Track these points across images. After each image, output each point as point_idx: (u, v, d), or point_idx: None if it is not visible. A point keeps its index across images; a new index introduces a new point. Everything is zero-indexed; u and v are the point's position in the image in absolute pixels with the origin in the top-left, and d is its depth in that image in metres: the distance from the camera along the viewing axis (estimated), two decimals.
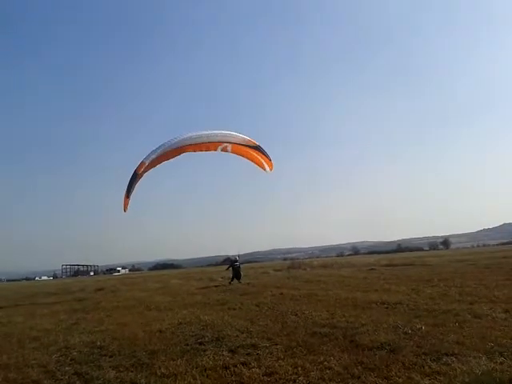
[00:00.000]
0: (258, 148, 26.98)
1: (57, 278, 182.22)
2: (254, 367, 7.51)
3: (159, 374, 7.48)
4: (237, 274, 29.49)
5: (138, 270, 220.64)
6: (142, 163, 23.09)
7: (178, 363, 8.12)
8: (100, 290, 36.56)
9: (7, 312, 21.41)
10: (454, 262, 39.44)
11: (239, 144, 26.12)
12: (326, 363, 7.38)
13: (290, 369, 7.19)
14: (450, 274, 24.71)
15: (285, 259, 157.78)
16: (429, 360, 7.19)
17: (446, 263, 39.60)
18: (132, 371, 7.84)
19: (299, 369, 7.16)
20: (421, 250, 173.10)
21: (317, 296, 17.60)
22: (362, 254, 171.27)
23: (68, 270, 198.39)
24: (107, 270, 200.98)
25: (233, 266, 29.92)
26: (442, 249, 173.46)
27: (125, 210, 24.48)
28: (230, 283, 28.86)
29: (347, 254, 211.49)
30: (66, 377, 7.87)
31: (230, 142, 25.78)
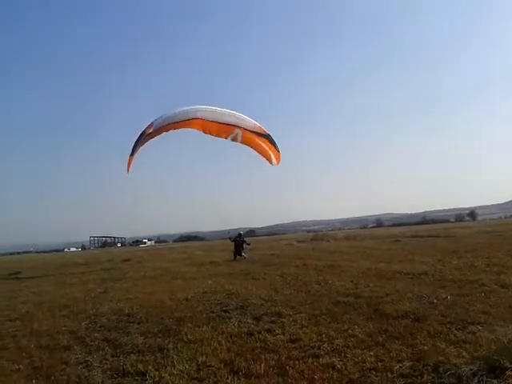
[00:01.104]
0: (267, 137, 26.32)
1: (85, 249, 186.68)
2: (278, 334, 7.62)
3: (186, 339, 7.67)
4: (238, 249, 27.87)
5: (164, 241, 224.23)
6: (151, 124, 22.75)
7: (204, 330, 8.30)
8: (127, 260, 37.46)
9: (38, 282, 22.19)
10: (480, 234, 38.76)
11: (250, 131, 25.41)
12: (350, 331, 7.43)
13: (315, 336, 7.27)
14: (476, 245, 24.38)
15: (308, 231, 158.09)
16: (454, 329, 7.17)
17: (472, 234, 38.96)
18: (159, 337, 8.05)
19: (323, 336, 7.23)
20: (447, 221, 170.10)
21: (340, 267, 17.62)
22: (386, 227, 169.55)
23: (96, 241, 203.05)
24: (133, 242, 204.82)
25: (235, 241, 28.28)
26: (468, 220, 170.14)
27: (128, 170, 23.49)
28: (234, 259, 27.32)
29: (371, 226, 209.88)
30: (96, 343, 8.13)
31: (241, 128, 25.05)
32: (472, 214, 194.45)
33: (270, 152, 26.64)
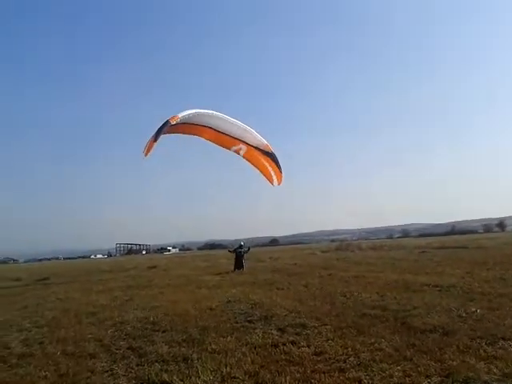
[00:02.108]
0: (271, 156, 26.11)
1: (111, 256, 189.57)
2: (303, 346, 7.51)
3: (210, 349, 7.64)
4: (238, 262, 26.68)
5: (188, 249, 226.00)
6: (176, 116, 22.41)
7: (228, 340, 8.26)
8: (152, 267, 37.87)
9: (65, 288, 22.53)
10: (509, 245, 37.82)
11: (254, 147, 25.27)
12: (376, 345, 7.27)
13: (340, 349, 7.14)
14: (506, 257, 23.75)
15: (332, 241, 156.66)
16: (484, 344, 6.95)
17: (501, 246, 38.02)
18: (184, 346, 8.04)
19: (349, 349, 7.09)
20: (474, 232, 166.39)
21: (366, 278, 17.37)
22: (413, 237, 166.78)
23: (121, 248, 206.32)
24: (158, 249, 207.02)
25: (236, 252, 27.22)
26: (497, 231, 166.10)
27: (146, 154, 22.37)
28: (233, 271, 26.24)
29: (397, 236, 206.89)
30: (121, 351, 8.17)
31: (245, 143, 24.93)
32: (501, 224, 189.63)
33: (271, 172, 26.32)
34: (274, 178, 26.77)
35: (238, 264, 26.61)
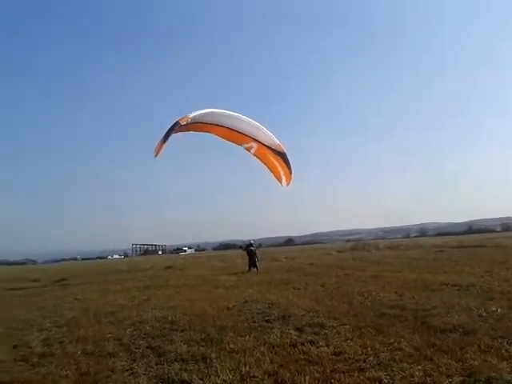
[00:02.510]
0: (283, 155, 25.95)
1: (127, 256, 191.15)
2: (322, 346, 7.49)
3: (228, 349, 7.66)
4: (252, 260, 26.58)
5: (203, 249, 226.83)
6: (187, 117, 22.27)
7: (246, 339, 8.28)
8: (168, 268, 38.12)
9: (83, 289, 22.80)
10: None
11: (266, 146, 25.25)
12: (396, 344, 7.21)
13: (359, 349, 7.09)
14: None
15: (347, 240, 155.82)
16: (506, 343, 6.86)
17: None
18: (203, 346, 8.08)
19: (369, 349, 7.04)
20: (493, 231, 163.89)
21: (384, 277, 17.24)
22: (430, 236, 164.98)
23: (138, 249, 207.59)
24: (174, 250, 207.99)
25: (248, 250, 26.99)
26: None
27: (156, 155, 22.31)
28: (248, 270, 26.26)
29: (414, 235, 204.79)
30: (140, 350, 8.23)
31: (257, 141, 24.92)
32: None
33: (281, 172, 26.25)
34: (283, 178, 26.64)
35: (252, 263, 26.52)
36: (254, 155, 25.92)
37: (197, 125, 23.51)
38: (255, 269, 26.14)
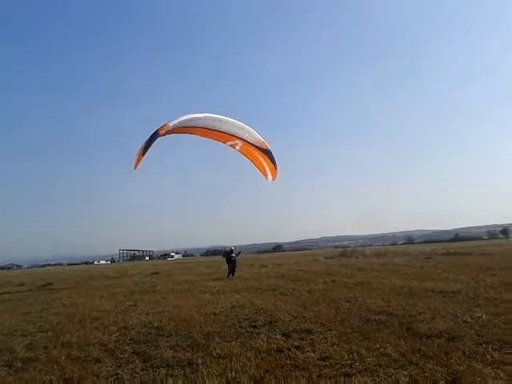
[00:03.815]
0: (267, 153, 26.29)
1: (114, 262, 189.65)
2: (308, 351, 7.49)
3: (215, 354, 7.62)
4: (232, 267, 26.75)
5: (191, 255, 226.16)
6: (166, 125, 22.35)
7: (233, 345, 8.25)
8: (156, 273, 37.84)
9: (69, 293, 22.53)
10: None
11: (250, 144, 25.52)
12: (382, 350, 7.25)
13: (346, 354, 7.11)
14: (511, 263, 23.59)
15: (335, 247, 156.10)
16: (490, 349, 6.94)
17: (506, 252, 38.01)
18: (188, 351, 8.03)
19: (355, 354, 7.06)
20: (480, 239, 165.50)
21: (370, 284, 17.31)
22: (417, 243, 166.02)
23: (125, 254, 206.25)
24: (162, 255, 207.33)
25: (229, 258, 26.97)
26: (501, 238, 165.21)
27: (135, 168, 22.51)
28: (228, 276, 26.33)
29: (401, 242, 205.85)
30: (126, 355, 8.15)
31: (242, 139, 25.17)
32: (505, 231, 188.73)
33: (267, 168, 26.70)
34: (269, 173, 27.16)
35: (232, 269, 26.71)
36: (240, 152, 26.14)
37: (180, 129, 23.57)
38: (232, 275, 26.33)
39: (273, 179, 27.56)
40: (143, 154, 21.81)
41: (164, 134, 22.47)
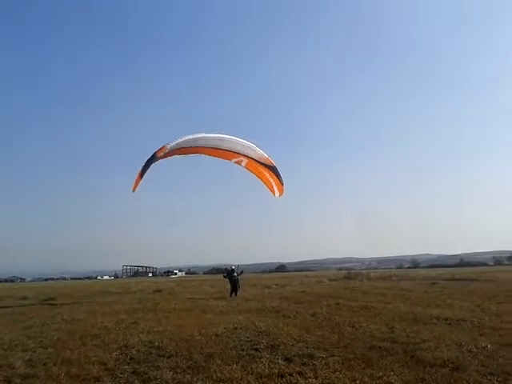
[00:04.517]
0: (273, 169, 26.58)
1: (117, 277, 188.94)
2: (310, 377, 7.38)
3: (215, 377, 7.52)
4: (234, 287, 26.67)
5: (194, 273, 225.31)
6: (164, 147, 22.71)
7: (234, 368, 8.14)
8: (158, 291, 37.62)
9: (71, 309, 22.41)
10: None
11: (255, 160, 25.77)
12: (385, 378, 7.14)
13: (348, 382, 7.01)
14: None
15: (340, 269, 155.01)
16: (495, 381, 6.84)
17: None
18: (189, 373, 7.93)
19: (357, 382, 6.97)
20: (485, 264, 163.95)
21: (375, 309, 17.10)
22: (422, 268, 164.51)
23: (128, 270, 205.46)
24: (165, 272, 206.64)
25: (230, 277, 26.89)
26: (507, 264, 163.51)
27: (133, 190, 22.97)
28: (230, 296, 26.25)
29: (406, 266, 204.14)
30: (125, 375, 8.07)
31: (247, 156, 25.42)
32: (511, 257, 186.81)
33: (273, 183, 26.94)
34: (276, 189, 27.42)
35: (234, 289, 26.57)
36: (246, 168, 26.28)
37: (180, 150, 23.71)
38: (234, 294, 26.17)
39: (280, 195, 27.71)
40: (141, 176, 22.19)
41: (162, 157, 22.77)
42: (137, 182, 22.85)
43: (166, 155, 23.00)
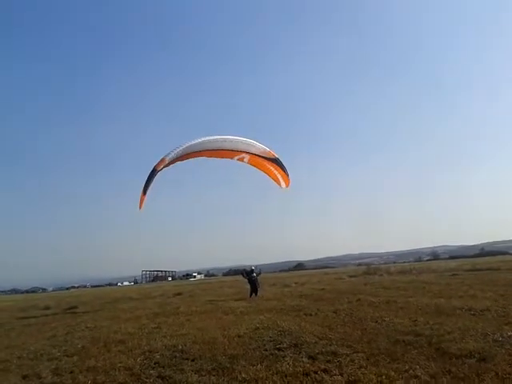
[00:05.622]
0: (276, 161, 26.41)
1: (137, 283, 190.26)
2: (335, 374, 7.35)
3: (240, 378, 7.55)
4: (254, 287, 26.42)
5: (213, 275, 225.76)
6: (163, 160, 22.81)
7: (258, 368, 8.14)
8: (178, 294, 37.83)
9: (93, 316, 22.69)
10: None
11: (257, 155, 25.72)
12: (411, 372, 7.08)
13: (374, 377, 6.95)
14: None
15: (359, 264, 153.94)
16: None
17: None
18: (214, 375, 7.96)
19: (383, 377, 6.91)
20: (506, 253, 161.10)
21: (397, 303, 16.94)
22: (443, 259, 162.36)
23: (147, 275, 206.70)
24: (184, 276, 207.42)
25: (250, 278, 26.68)
26: None
27: (140, 208, 23.04)
28: (250, 296, 26.13)
29: (426, 259, 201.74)
30: (151, 380, 8.13)
31: (248, 153, 25.34)
32: None
33: (278, 175, 26.82)
34: (282, 181, 27.30)
35: (254, 289, 26.45)
36: (249, 164, 26.27)
37: (181, 157, 23.81)
38: (255, 295, 26.08)
39: (286, 186, 27.61)
40: (144, 193, 22.45)
41: (162, 168, 22.93)
42: (141, 200, 23.06)
43: (166, 166, 23.16)
